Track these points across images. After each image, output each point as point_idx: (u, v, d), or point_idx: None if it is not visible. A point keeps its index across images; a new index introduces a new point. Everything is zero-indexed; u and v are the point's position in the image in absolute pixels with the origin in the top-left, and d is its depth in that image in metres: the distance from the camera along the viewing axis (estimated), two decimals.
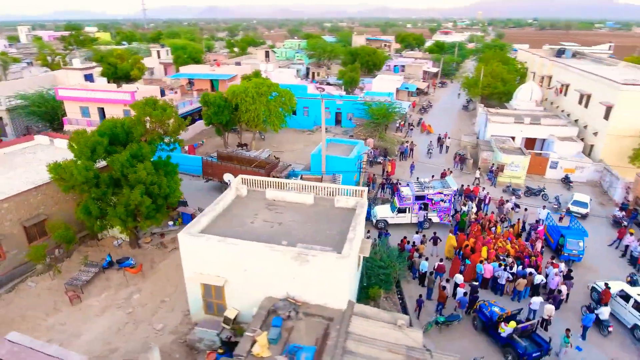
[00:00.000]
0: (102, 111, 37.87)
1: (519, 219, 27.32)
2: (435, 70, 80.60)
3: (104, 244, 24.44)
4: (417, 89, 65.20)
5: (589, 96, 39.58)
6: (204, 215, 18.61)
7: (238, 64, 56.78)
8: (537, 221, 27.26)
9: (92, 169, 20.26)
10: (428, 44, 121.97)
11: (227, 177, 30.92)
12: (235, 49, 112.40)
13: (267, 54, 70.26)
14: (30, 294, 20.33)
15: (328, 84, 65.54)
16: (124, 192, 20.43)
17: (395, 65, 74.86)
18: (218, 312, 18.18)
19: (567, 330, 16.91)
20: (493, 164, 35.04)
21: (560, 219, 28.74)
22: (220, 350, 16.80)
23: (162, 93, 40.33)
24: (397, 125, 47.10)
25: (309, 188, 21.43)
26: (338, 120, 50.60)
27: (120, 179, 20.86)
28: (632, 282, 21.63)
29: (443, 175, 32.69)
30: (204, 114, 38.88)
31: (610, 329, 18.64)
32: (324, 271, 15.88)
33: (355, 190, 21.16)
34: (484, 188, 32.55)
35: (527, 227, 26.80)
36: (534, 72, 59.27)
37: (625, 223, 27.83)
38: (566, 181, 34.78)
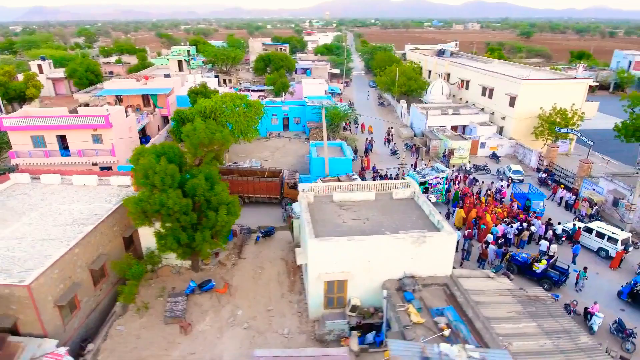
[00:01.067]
0: (62, 139, 33.81)
1: (488, 189, 34.97)
2: (336, 71, 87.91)
3: (162, 274, 23.82)
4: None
5: (492, 89, 50.57)
6: (306, 224, 20.61)
7: (167, 76, 54.36)
8: (499, 189, 35.31)
9: (181, 197, 20.25)
10: (312, 46, 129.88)
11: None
12: (113, 58, 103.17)
13: (180, 64, 67.70)
14: (128, 337, 19.46)
15: (248, 89, 66.91)
16: (210, 215, 20.93)
17: (307, 69, 79.65)
18: (337, 304, 20.59)
19: (585, 268, 24.07)
20: (445, 149, 42.66)
21: (508, 185, 37.44)
22: (358, 334, 19.46)
23: (126, 113, 37.63)
24: (343, 125, 52.05)
25: (369, 187, 24.82)
26: (285, 125, 53.23)
27: (203, 203, 21.19)
28: (581, 220, 30.65)
29: (415, 165, 38.86)
30: (174, 130, 37.96)
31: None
32: (437, 248, 19.83)
33: (404, 183, 25.35)
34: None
35: (497, 195, 34.54)
36: (429, 70, 70.49)
37: (549, 182, 37.96)
38: (494, 157, 44.46)
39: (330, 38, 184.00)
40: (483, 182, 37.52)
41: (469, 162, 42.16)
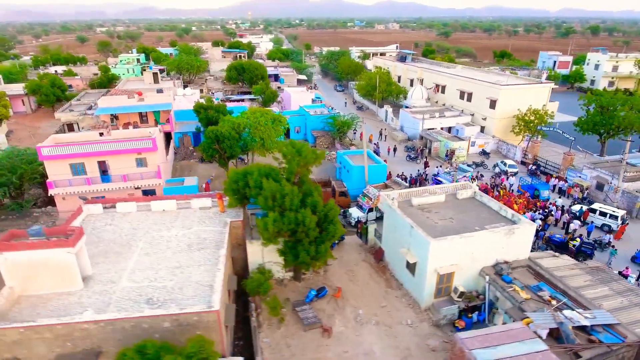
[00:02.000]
0: (102, 165, 32.88)
1: (500, 184, 40.65)
2: (303, 77, 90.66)
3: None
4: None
5: (470, 93, 57.18)
6: (415, 227, 23.83)
7: (160, 91, 53.17)
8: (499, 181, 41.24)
9: (312, 214, 22.31)
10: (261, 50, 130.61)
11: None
12: (51, 68, 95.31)
13: (155, 76, 65.57)
14: (278, 347, 21.15)
15: (229, 100, 67.42)
16: (330, 228, 23.26)
17: (280, 77, 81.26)
18: (445, 293, 24.10)
19: (613, 246, 30.06)
20: (447, 150, 47.89)
21: (507, 178, 43.51)
22: (469, 315, 23.18)
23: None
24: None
25: (439, 191, 28.58)
26: (286, 134, 55.15)
27: (322, 217, 23.39)
28: (579, 203, 37.29)
29: (426, 164, 43.63)
30: (206, 148, 38.61)
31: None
32: (521, 236, 24.18)
33: (463, 185, 29.52)
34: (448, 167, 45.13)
35: (508, 186, 40.29)
36: (399, 75, 76.08)
37: (539, 173, 44.84)
38: (484, 154, 50.77)
39: (268, 41, 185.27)
40: (483, 177, 43.29)
41: (464, 160, 47.93)
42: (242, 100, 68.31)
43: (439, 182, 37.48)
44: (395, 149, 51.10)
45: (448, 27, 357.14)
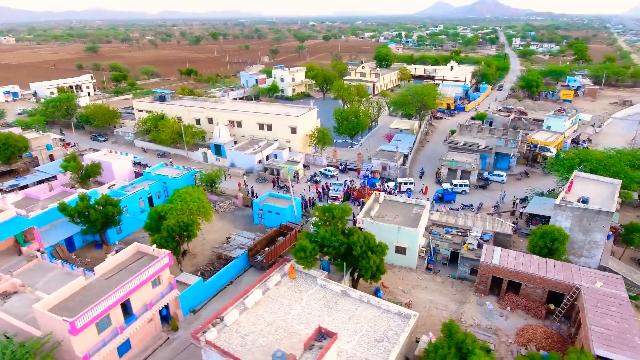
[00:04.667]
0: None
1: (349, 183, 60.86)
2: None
3: None
4: None
5: (270, 125, 73.12)
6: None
7: None
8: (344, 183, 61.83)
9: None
10: None
11: None
12: None
13: None
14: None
15: None
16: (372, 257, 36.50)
17: None
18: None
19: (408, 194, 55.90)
20: (292, 172, 63.03)
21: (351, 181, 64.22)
22: (428, 259, 43.19)
23: None
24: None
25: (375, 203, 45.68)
26: (150, 201, 54.59)
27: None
28: (388, 181, 62.74)
29: (286, 187, 58.43)
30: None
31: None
32: (423, 209, 45.50)
33: (377, 194, 47.74)
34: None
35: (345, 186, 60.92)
36: (178, 116, 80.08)
37: (347, 170, 68.05)
38: (305, 167, 69.18)
39: None
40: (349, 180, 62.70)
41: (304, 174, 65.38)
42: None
43: (334, 198, 53.67)
44: (246, 183, 61.87)
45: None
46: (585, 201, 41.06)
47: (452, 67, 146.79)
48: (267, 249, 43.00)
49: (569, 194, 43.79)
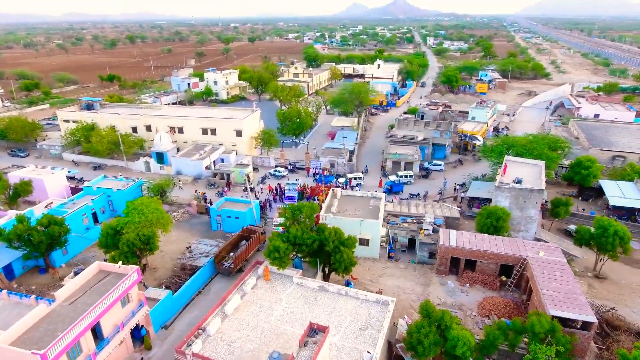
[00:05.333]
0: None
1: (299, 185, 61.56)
2: None
3: None
4: None
5: (214, 129, 71.24)
6: None
7: None
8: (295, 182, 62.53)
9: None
10: None
11: None
12: None
13: None
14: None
15: None
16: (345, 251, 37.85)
17: None
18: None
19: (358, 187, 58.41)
20: (243, 175, 62.21)
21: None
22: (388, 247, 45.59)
23: None
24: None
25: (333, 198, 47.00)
26: (95, 218, 50.89)
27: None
28: (340, 177, 64.58)
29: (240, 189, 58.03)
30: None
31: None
32: (381, 202, 47.90)
33: (334, 191, 49.12)
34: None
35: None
36: (113, 125, 74.49)
37: (296, 169, 68.70)
38: (255, 169, 68.57)
39: None
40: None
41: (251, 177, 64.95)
42: None
43: (291, 198, 54.06)
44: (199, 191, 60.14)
45: None
46: (519, 182, 46.03)
47: (379, 66, 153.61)
48: (232, 254, 42.38)
49: (504, 176, 48.71)
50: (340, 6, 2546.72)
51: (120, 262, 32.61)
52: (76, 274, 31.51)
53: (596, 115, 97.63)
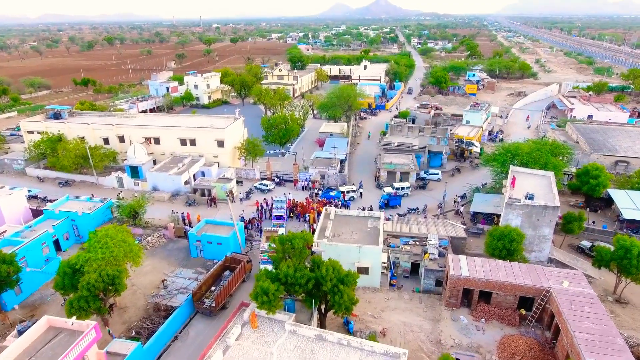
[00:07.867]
0: None
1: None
2: None
3: None
4: None
5: (193, 139, 65.46)
6: None
7: None
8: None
9: None
10: None
11: None
12: None
13: None
14: None
15: None
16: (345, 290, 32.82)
17: None
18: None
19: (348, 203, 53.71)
20: (225, 191, 56.79)
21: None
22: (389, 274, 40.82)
23: None
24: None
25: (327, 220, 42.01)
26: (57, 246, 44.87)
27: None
28: (332, 190, 59.62)
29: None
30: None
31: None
32: (376, 222, 43.18)
33: (327, 210, 44.14)
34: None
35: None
36: (82, 136, 67.95)
37: (283, 182, 63.51)
38: (239, 183, 63.15)
39: None
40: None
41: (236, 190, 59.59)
42: None
43: (279, 218, 48.89)
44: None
45: None
46: (531, 197, 41.89)
47: (365, 67, 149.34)
48: (213, 288, 37.11)
49: (513, 190, 44.55)
50: (323, 6, 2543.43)
51: (74, 317, 27.02)
52: (20, 333, 25.82)
53: (590, 117, 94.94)
